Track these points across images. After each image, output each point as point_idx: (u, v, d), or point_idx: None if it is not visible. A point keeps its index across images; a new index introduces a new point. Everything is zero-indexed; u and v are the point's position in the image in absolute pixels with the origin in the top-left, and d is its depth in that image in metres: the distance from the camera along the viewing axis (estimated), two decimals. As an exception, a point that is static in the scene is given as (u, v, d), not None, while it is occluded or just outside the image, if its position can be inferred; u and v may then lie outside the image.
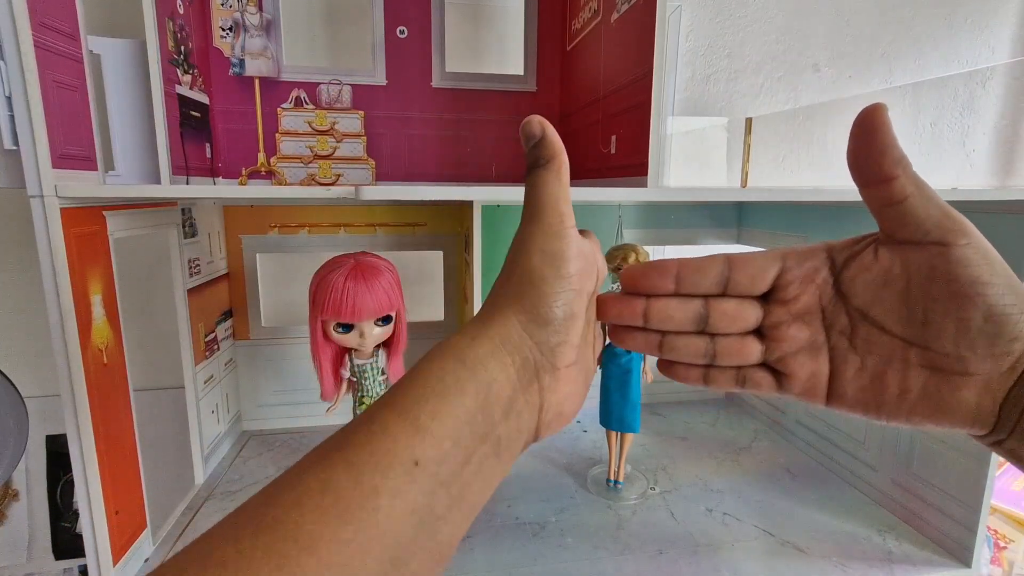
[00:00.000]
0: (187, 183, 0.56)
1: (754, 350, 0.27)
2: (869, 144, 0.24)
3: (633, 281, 0.29)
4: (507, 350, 0.24)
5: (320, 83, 0.68)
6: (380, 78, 0.69)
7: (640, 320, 0.29)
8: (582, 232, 0.28)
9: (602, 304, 0.29)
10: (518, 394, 0.24)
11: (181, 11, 0.55)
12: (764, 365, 0.28)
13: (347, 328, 0.55)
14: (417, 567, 0.20)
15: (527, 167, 0.27)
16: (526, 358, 0.25)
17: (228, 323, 0.72)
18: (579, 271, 0.26)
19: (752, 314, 0.27)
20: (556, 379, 0.26)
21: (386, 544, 0.19)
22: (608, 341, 0.64)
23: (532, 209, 0.26)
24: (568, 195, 0.27)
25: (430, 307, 0.80)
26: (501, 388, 0.23)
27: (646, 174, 0.47)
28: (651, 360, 0.64)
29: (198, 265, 0.62)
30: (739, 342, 0.27)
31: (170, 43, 0.52)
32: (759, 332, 0.28)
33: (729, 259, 0.27)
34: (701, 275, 0.27)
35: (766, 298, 0.28)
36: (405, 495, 0.19)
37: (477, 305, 0.60)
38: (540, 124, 0.27)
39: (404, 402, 0.22)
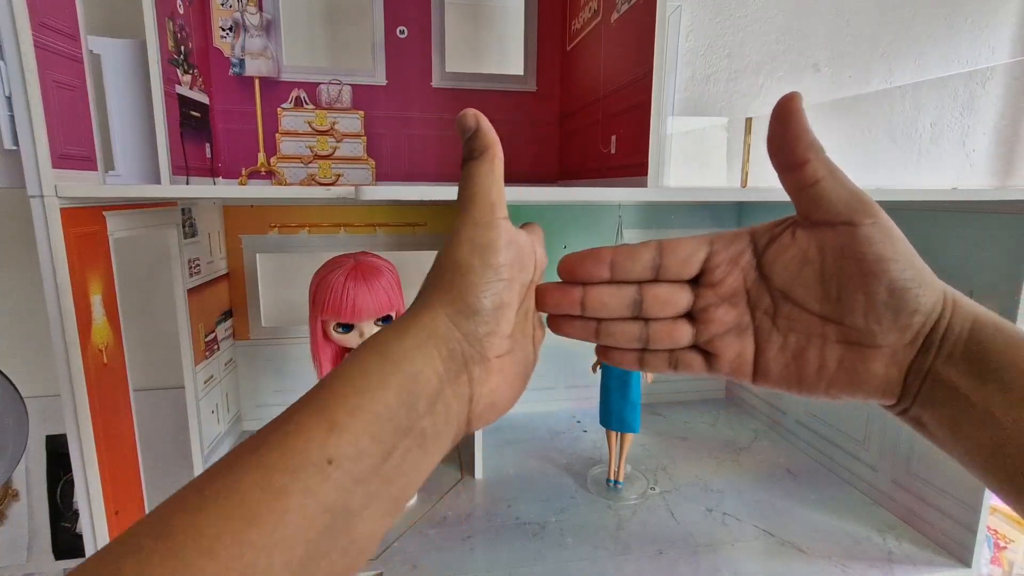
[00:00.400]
0: (187, 183, 0.56)
1: (685, 333, 0.28)
2: (784, 131, 0.25)
3: (570, 270, 0.29)
4: (433, 342, 0.24)
5: (320, 83, 0.68)
6: (380, 78, 0.69)
7: (578, 309, 0.29)
8: (524, 225, 0.30)
9: (540, 294, 0.30)
10: (445, 386, 0.24)
11: (181, 11, 0.55)
12: (695, 347, 0.29)
13: (347, 328, 0.55)
14: (330, 565, 0.20)
15: (464, 157, 0.27)
16: (453, 349, 0.25)
17: (228, 323, 0.72)
18: (510, 261, 0.26)
19: (683, 298, 0.28)
20: (487, 370, 0.26)
21: (295, 544, 0.19)
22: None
23: (464, 200, 0.26)
24: (501, 186, 0.27)
25: (430, 307, 0.80)
26: (427, 381, 0.23)
27: (646, 174, 0.47)
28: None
29: (198, 265, 0.62)
30: (671, 326, 0.28)
31: (170, 43, 0.52)
32: (689, 315, 0.29)
33: (660, 245, 0.28)
34: (633, 261, 0.28)
35: (695, 282, 0.29)
36: (317, 494, 0.19)
37: (477, 305, 0.60)
38: (475, 116, 0.27)
39: (324, 399, 0.22)
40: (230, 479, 0.19)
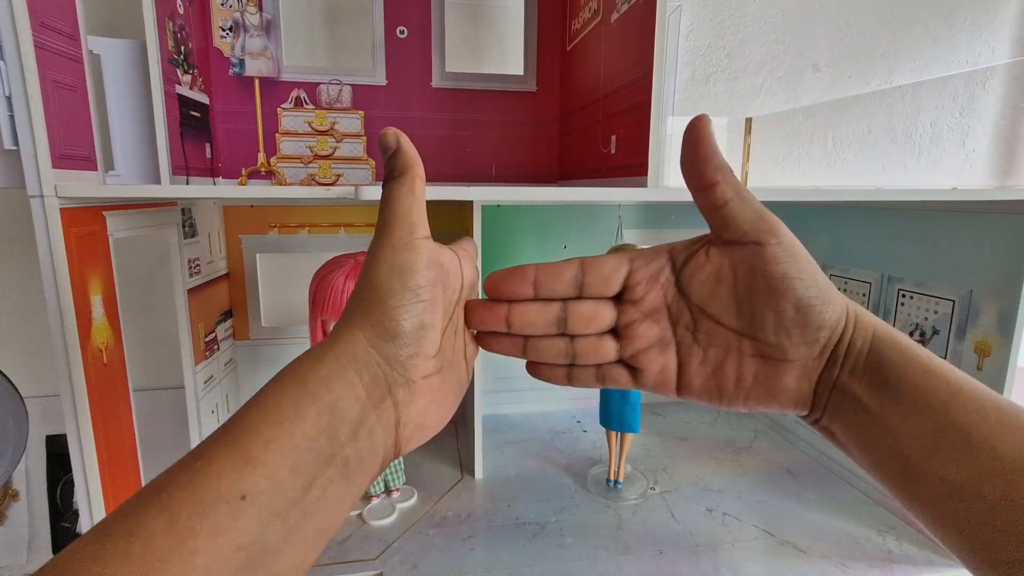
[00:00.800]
0: (187, 183, 0.56)
1: (610, 349, 0.29)
2: (695, 153, 0.26)
3: (494, 287, 0.29)
4: (354, 368, 0.24)
5: (320, 83, 0.68)
6: (380, 78, 0.69)
7: (503, 326, 0.29)
8: (455, 241, 0.30)
9: (467, 311, 0.30)
10: (368, 412, 0.24)
11: (181, 11, 0.55)
12: (620, 361, 0.29)
13: (347, 328, 0.55)
14: None
15: (385, 176, 0.27)
16: (375, 374, 0.24)
17: (228, 323, 0.72)
18: (430, 281, 0.26)
19: (607, 315, 0.28)
20: (413, 392, 0.25)
21: None
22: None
23: (382, 222, 0.26)
24: (422, 206, 0.27)
25: (430, 307, 0.80)
26: (347, 408, 0.23)
27: (646, 174, 0.47)
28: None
29: (198, 265, 0.62)
30: (596, 341, 0.29)
31: (170, 43, 0.52)
32: (614, 331, 0.29)
33: (582, 263, 0.29)
34: (556, 279, 0.28)
35: (619, 299, 0.29)
36: (229, 532, 0.19)
37: (477, 305, 0.60)
38: (395, 135, 0.27)
39: (236, 433, 0.21)
40: (132, 522, 0.18)
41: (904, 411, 0.23)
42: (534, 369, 0.31)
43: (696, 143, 0.26)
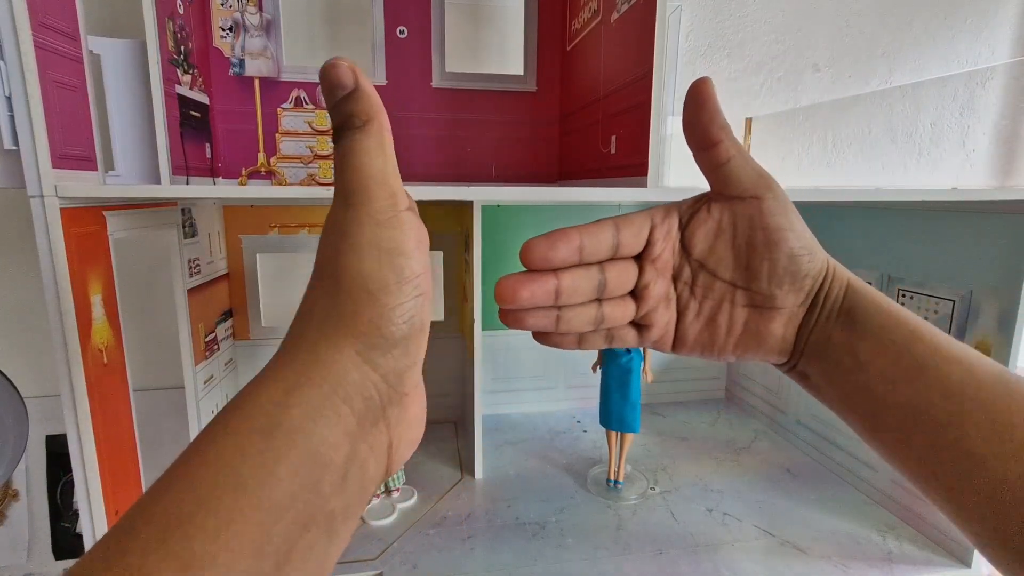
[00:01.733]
0: (187, 183, 0.56)
1: (631, 309, 0.28)
2: (699, 113, 0.26)
3: (543, 256, 0.26)
4: (341, 395, 0.19)
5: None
6: (380, 78, 0.69)
7: (553, 298, 0.26)
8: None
9: (508, 290, 0.26)
10: (359, 445, 0.19)
11: (181, 11, 0.55)
12: (631, 321, 0.29)
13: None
14: None
15: (335, 129, 0.21)
16: (369, 397, 0.20)
17: (228, 323, 0.72)
18: (425, 268, 0.22)
19: (634, 274, 0.28)
20: (404, 407, 0.22)
21: None
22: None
23: (350, 188, 0.21)
24: (396, 168, 0.22)
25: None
26: (333, 451, 0.18)
27: (646, 174, 0.47)
28: (651, 360, 0.64)
29: (198, 265, 0.62)
30: (622, 303, 0.28)
31: (170, 43, 0.52)
32: (632, 291, 0.29)
33: (616, 222, 0.28)
34: (599, 242, 0.27)
35: (637, 257, 0.29)
36: None
37: (478, 305, 0.60)
38: (350, 69, 0.21)
39: (168, 521, 0.15)
40: None
41: (870, 347, 0.25)
42: (544, 337, 0.29)
43: (701, 104, 0.26)
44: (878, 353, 0.25)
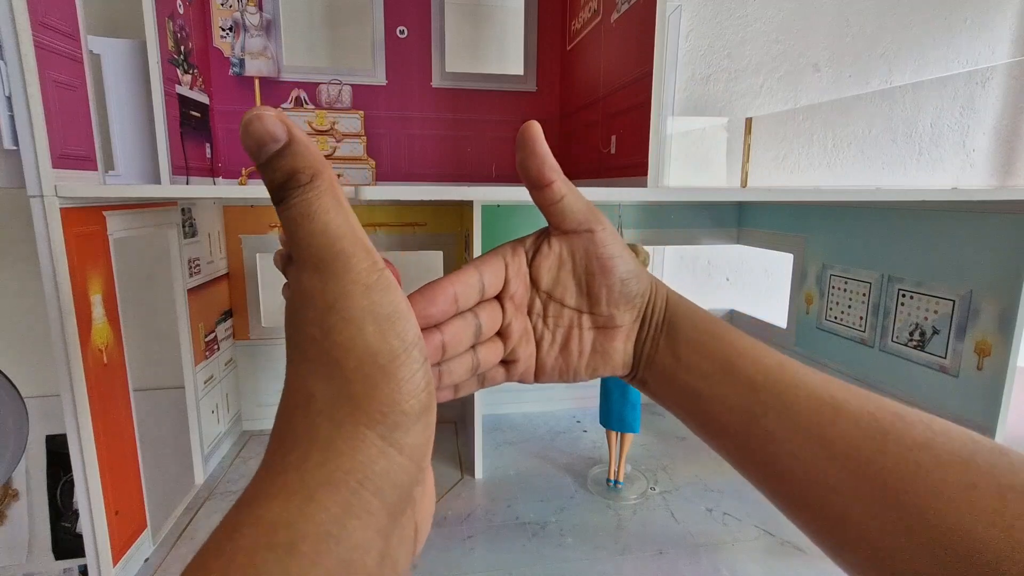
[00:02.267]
0: (187, 183, 0.56)
1: (500, 349, 0.29)
2: (530, 157, 0.27)
3: (423, 313, 0.25)
4: (371, 490, 0.17)
5: (320, 83, 0.68)
6: (380, 78, 0.69)
7: (440, 355, 0.26)
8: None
9: None
10: (391, 540, 0.18)
11: (181, 11, 0.55)
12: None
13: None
14: None
15: (275, 190, 0.20)
16: (400, 485, 0.18)
17: (228, 323, 0.72)
18: (418, 327, 0.20)
19: (499, 314, 0.29)
20: (424, 483, 0.20)
21: None
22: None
23: (322, 254, 0.19)
24: (358, 223, 0.20)
25: (430, 307, 0.80)
26: (366, 554, 0.16)
27: (646, 174, 0.47)
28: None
29: (198, 265, 0.62)
30: (494, 345, 0.29)
31: (170, 43, 0.52)
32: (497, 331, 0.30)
33: (478, 265, 0.28)
34: (469, 286, 0.27)
35: (497, 297, 0.30)
36: None
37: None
38: (280, 119, 0.19)
39: None
40: None
41: (686, 350, 0.28)
42: None
43: (531, 149, 0.27)
44: (692, 353, 0.28)
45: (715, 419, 0.27)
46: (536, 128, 0.27)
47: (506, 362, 0.30)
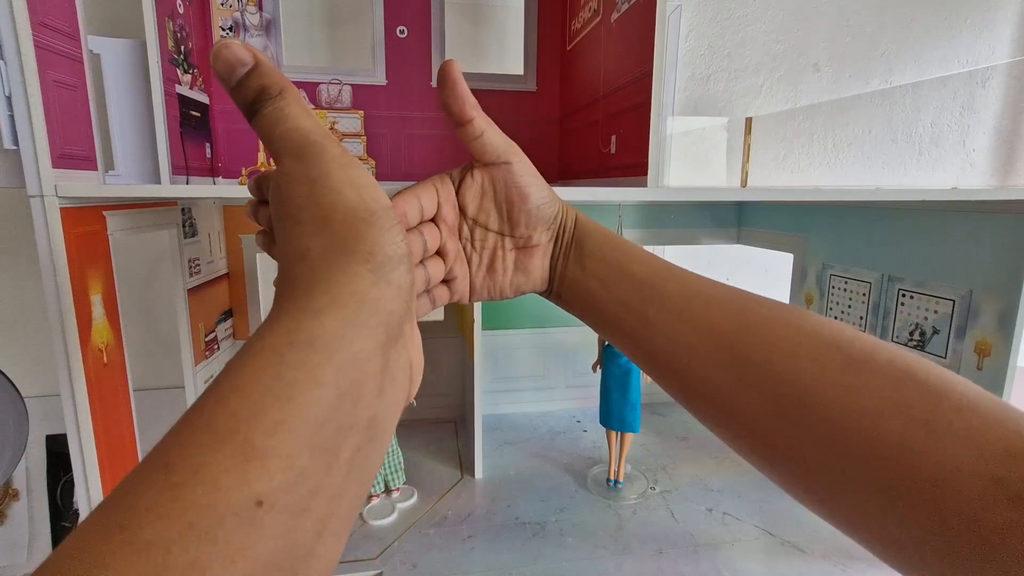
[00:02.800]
0: (187, 183, 0.56)
1: (442, 266, 0.33)
2: (452, 95, 0.30)
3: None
4: (368, 310, 0.20)
5: (320, 83, 0.68)
6: (380, 78, 0.69)
7: None
8: None
9: None
10: (390, 356, 0.20)
11: (181, 11, 0.55)
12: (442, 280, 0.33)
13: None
14: None
15: (247, 104, 0.23)
16: (392, 312, 0.21)
17: (228, 323, 0.72)
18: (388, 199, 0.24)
19: (438, 234, 0.32)
20: (413, 325, 0.23)
21: None
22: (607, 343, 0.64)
23: (299, 144, 0.22)
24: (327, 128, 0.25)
25: (430, 307, 0.80)
26: (370, 359, 0.19)
27: (646, 174, 0.47)
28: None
29: (198, 265, 0.62)
30: (437, 262, 0.32)
31: (170, 43, 0.52)
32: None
33: (415, 191, 0.31)
34: (412, 207, 0.30)
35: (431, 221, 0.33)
36: (250, 550, 0.15)
37: (477, 305, 0.60)
38: (244, 48, 0.23)
39: (225, 423, 0.16)
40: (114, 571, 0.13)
41: (591, 263, 0.32)
42: None
43: (451, 88, 0.30)
44: (595, 263, 0.32)
45: (611, 316, 0.31)
46: (455, 67, 0.31)
47: (446, 281, 0.33)
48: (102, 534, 0.14)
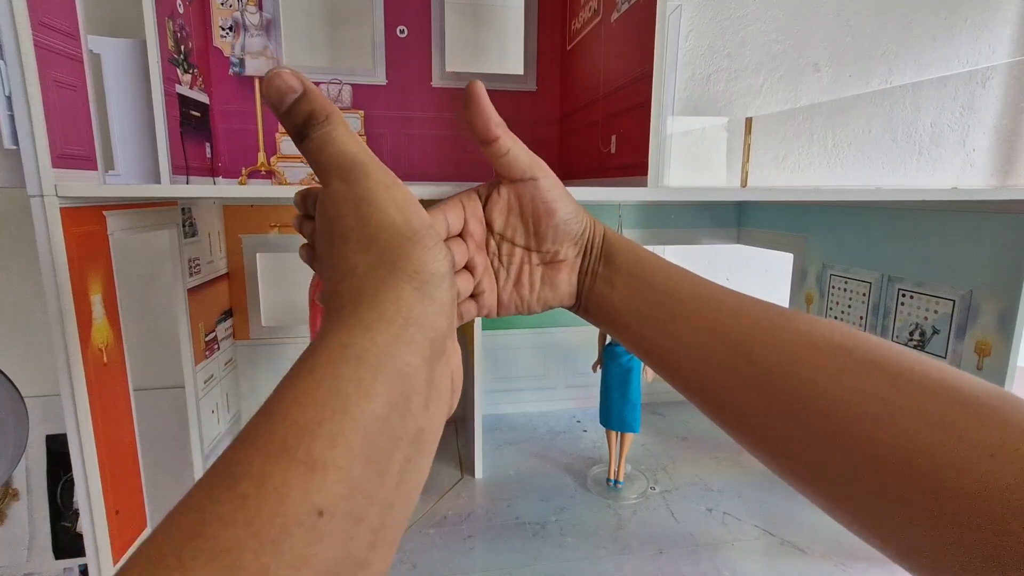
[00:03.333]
0: (187, 183, 0.56)
1: (471, 281, 0.33)
2: (477, 114, 0.31)
3: None
4: (414, 326, 0.21)
5: (320, 83, 0.68)
6: (380, 78, 0.69)
7: None
8: None
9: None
10: (435, 370, 0.21)
11: (181, 11, 0.55)
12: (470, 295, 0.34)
13: (347, 328, 0.55)
14: None
15: (296, 129, 0.24)
16: (436, 328, 0.22)
17: (228, 323, 0.72)
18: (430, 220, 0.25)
19: (465, 249, 0.32)
20: (454, 342, 0.24)
21: None
22: (609, 341, 0.64)
23: (346, 167, 0.23)
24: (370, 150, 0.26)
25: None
26: (417, 373, 0.20)
27: (646, 174, 0.47)
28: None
29: (198, 265, 0.62)
30: (465, 277, 0.32)
31: (170, 43, 0.52)
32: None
33: (441, 207, 0.32)
34: (439, 224, 0.31)
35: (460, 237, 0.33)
36: (312, 561, 0.15)
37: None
38: (295, 75, 0.24)
39: (285, 435, 0.17)
40: None
41: (621, 278, 0.32)
42: None
43: (477, 108, 0.30)
44: (624, 279, 0.32)
45: (633, 329, 0.32)
46: (480, 88, 0.31)
47: (474, 295, 0.33)
48: (178, 541, 0.15)
